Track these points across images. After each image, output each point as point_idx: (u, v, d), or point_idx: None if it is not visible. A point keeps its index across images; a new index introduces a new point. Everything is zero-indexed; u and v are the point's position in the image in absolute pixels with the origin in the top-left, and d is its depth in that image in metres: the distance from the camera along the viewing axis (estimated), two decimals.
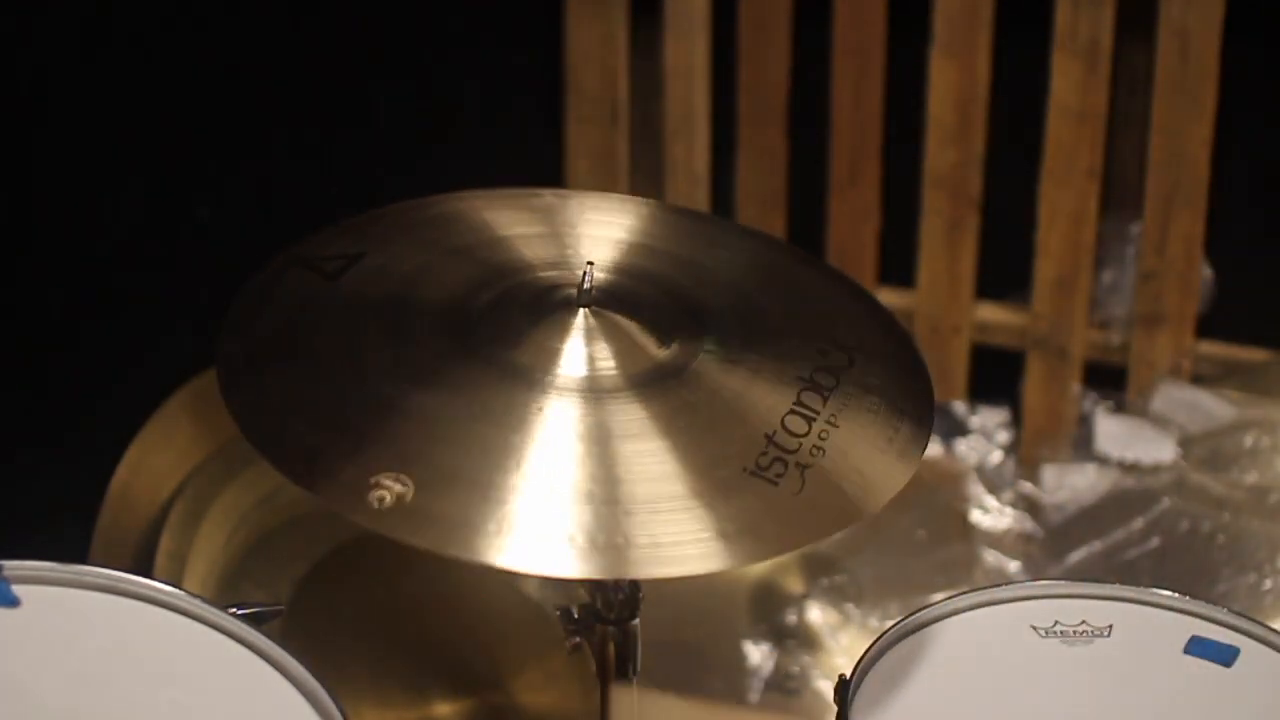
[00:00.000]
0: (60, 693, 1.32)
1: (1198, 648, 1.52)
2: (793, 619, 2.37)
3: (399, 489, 1.32)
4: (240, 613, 1.40)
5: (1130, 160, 2.61)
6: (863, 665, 1.48)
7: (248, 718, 1.35)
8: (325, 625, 1.95)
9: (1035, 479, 2.61)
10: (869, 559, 2.42)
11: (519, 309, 1.49)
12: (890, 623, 1.52)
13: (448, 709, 2.03)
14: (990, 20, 2.53)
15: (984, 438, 2.69)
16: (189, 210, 2.45)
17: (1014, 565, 2.49)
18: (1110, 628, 1.54)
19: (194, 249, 2.46)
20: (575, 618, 1.53)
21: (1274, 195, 2.60)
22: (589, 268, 1.48)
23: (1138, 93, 2.57)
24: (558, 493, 1.34)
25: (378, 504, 1.31)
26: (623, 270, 1.55)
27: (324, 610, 1.98)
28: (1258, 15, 2.48)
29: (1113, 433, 2.59)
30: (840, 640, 2.35)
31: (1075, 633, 1.54)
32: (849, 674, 1.46)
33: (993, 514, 2.57)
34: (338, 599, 2.01)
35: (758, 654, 2.36)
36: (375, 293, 1.50)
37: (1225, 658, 1.52)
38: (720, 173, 2.73)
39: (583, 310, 1.47)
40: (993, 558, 2.50)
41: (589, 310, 1.47)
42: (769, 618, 2.37)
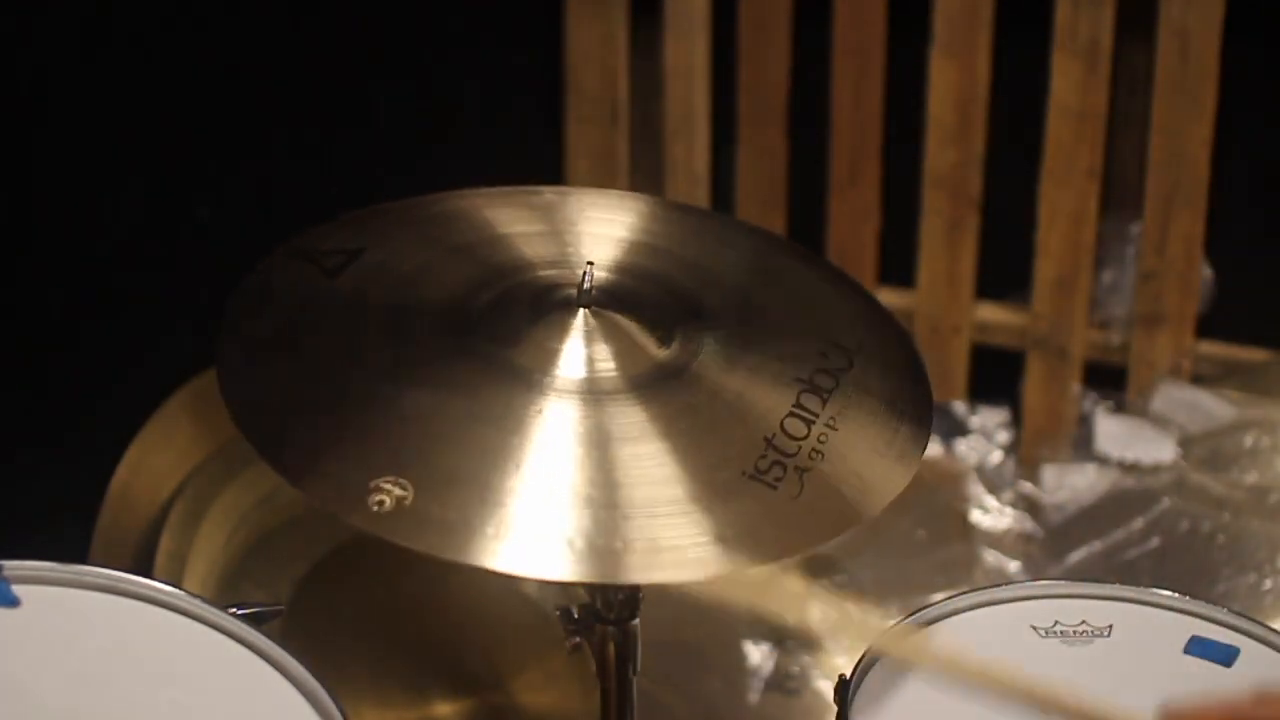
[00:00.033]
0: (60, 693, 1.32)
1: (1198, 648, 1.53)
2: (793, 619, 2.37)
3: (398, 493, 1.31)
4: (240, 613, 1.40)
5: (1130, 160, 2.61)
6: (863, 665, 1.48)
7: (248, 718, 1.35)
8: (325, 625, 1.95)
9: (1035, 479, 2.61)
10: (869, 559, 2.42)
11: (519, 309, 1.48)
12: (890, 623, 1.52)
13: (448, 709, 2.03)
14: (990, 20, 2.53)
15: (984, 438, 2.69)
16: (189, 210, 2.45)
17: (1014, 565, 2.49)
18: (1110, 628, 1.54)
19: (194, 249, 2.45)
20: (575, 618, 1.52)
21: (1274, 195, 2.60)
22: (589, 268, 1.48)
23: (1138, 93, 2.57)
24: (556, 496, 1.34)
25: (377, 508, 1.31)
26: (623, 268, 1.55)
27: (324, 610, 1.98)
28: (1258, 15, 2.47)
29: (1113, 433, 2.59)
30: (840, 640, 2.35)
31: (1075, 633, 1.54)
32: (849, 674, 1.46)
33: (993, 514, 2.57)
34: (338, 599, 2.01)
35: (758, 654, 2.36)
36: (375, 292, 1.50)
37: (1225, 658, 1.52)
38: (720, 173, 2.73)
39: (583, 310, 1.46)
40: (993, 558, 2.50)
41: (589, 310, 1.47)
42: (769, 618, 2.37)
